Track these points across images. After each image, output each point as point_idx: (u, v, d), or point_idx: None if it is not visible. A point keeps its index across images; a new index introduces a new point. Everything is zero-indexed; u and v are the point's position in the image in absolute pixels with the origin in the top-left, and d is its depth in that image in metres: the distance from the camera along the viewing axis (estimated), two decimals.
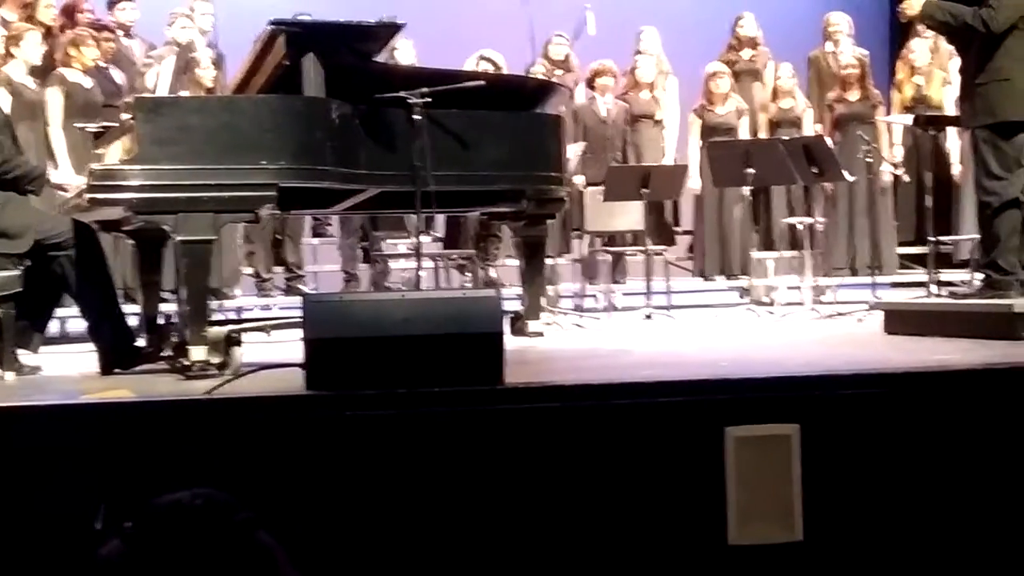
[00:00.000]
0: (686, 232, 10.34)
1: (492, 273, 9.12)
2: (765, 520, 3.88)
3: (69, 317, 7.49)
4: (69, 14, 8.65)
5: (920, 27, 9.80)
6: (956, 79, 9.49)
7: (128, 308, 6.11)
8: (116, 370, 5.24)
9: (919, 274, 9.35)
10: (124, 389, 4.52)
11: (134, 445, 3.66)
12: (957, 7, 6.16)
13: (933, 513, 4.00)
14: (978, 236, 6.90)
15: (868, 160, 8.82)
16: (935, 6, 6.22)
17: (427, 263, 8.59)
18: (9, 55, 7.69)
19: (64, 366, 5.71)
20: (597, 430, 3.87)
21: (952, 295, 6.77)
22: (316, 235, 10.11)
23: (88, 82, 7.94)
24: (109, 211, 5.11)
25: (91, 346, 5.42)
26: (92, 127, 5.91)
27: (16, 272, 5.11)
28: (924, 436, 4.03)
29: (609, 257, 9.33)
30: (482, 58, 9.12)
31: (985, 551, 3.99)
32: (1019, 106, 5.97)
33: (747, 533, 3.86)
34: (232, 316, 8.37)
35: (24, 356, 5.30)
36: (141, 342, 5.60)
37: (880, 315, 6.61)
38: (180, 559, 1.59)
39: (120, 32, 8.85)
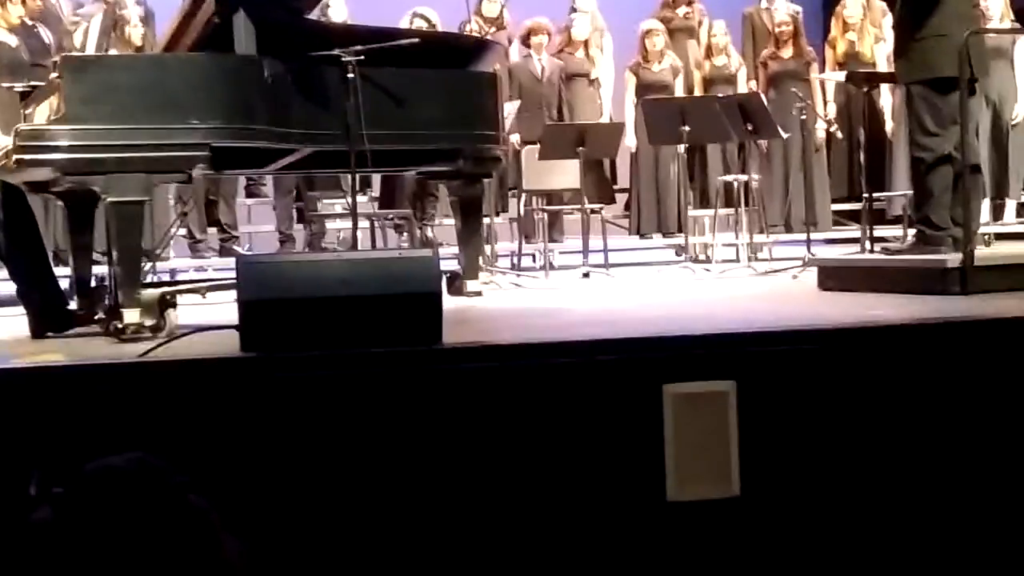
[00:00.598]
0: (623, 190, 10.35)
1: (429, 233, 9.09)
2: (703, 477, 3.90)
3: None
4: None
5: None
6: (889, 36, 9.60)
7: (60, 271, 6.02)
8: (48, 334, 5.17)
9: (853, 230, 9.44)
10: (56, 353, 4.46)
11: (67, 410, 3.61)
12: None
13: (867, 468, 4.03)
14: (911, 192, 6.97)
15: (802, 118, 8.86)
16: None
17: (363, 223, 8.54)
18: None
19: None
20: (536, 389, 3.87)
21: (885, 251, 6.82)
22: (250, 195, 10.02)
23: (13, 40, 7.80)
24: (37, 172, 5.02)
25: (22, 310, 5.34)
26: (19, 87, 5.79)
27: None
28: (858, 391, 4.06)
29: (546, 215, 9.32)
30: (416, 15, 9.05)
31: (917, 503, 4.03)
32: (955, 62, 6.00)
33: (685, 490, 3.87)
34: (166, 278, 8.30)
35: None
36: (73, 305, 5.53)
37: (815, 271, 6.66)
38: (112, 524, 1.56)
39: None
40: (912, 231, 6.63)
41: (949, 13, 6.06)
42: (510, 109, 8.56)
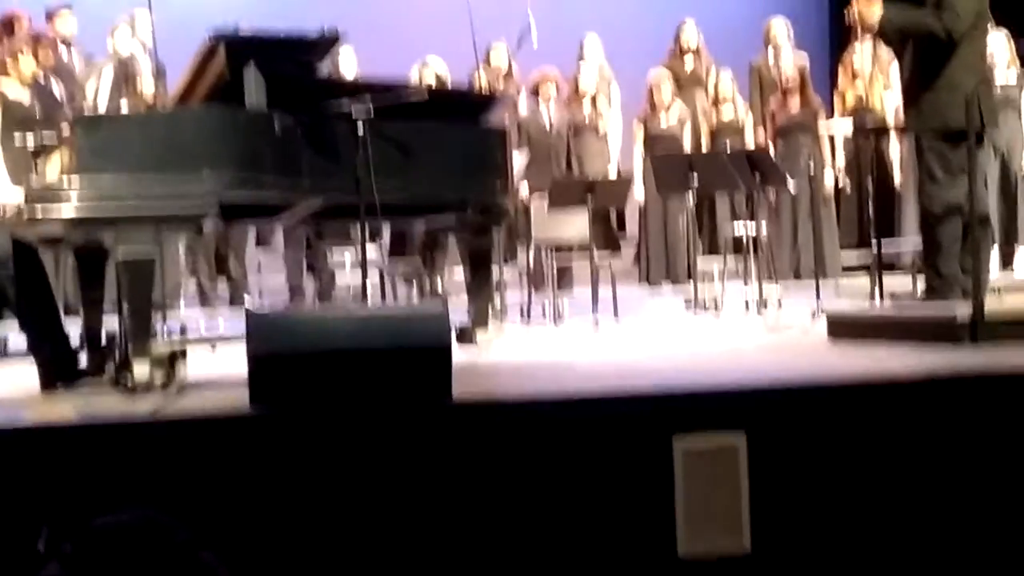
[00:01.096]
0: (631, 240, 10.36)
1: (438, 283, 9.09)
2: (714, 530, 3.88)
3: (9, 333, 7.40)
4: (7, 26, 8.54)
5: (861, 32, 9.90)
6: (897, 84, 9.64)
7: (70, 324, 6.03)
8: (58, 387, 5.17)
9: (863, 280, 9.42)
10: (66, 408, 4.45)
11: (76, 466, 3.61)
12: (916, 14, 6.19)
13: (879, 522, 4.02)
14: (920, 242, 6.96)
15: (810, 168, 8.88)
16: (896, 11, 6.25)
17: (373, 275, 8.55)
18: None
19: (5, 384, 5.63)
20: (545, 443, 3.86)
21: (894, 301, 6.81)
22: (260, 245, 10.03)
23: (26, 95, 7.83)
24: (49, 227, 5.04)
25: (32, 363, 5.34)
26: (31, 142, 5.81)
27: None
28: (869, 444, 4.05)
29: (555, 266, 9.32)
30: (425, 64, 9.10)
31: (931, 558, 4.01)
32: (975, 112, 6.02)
33: (696, 545, 3.86)
34: (176, 331, 8.30)
35: None
36: (84, 359, 5.53)
37: (824, 322, 6.64)
38: None
39: (60, 44, 8.75)
40: (921, 281, 6.62)
41: (960, 64, 6.09)
42: (519, 160, 8.59)
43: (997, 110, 6.73)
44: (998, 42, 9.16)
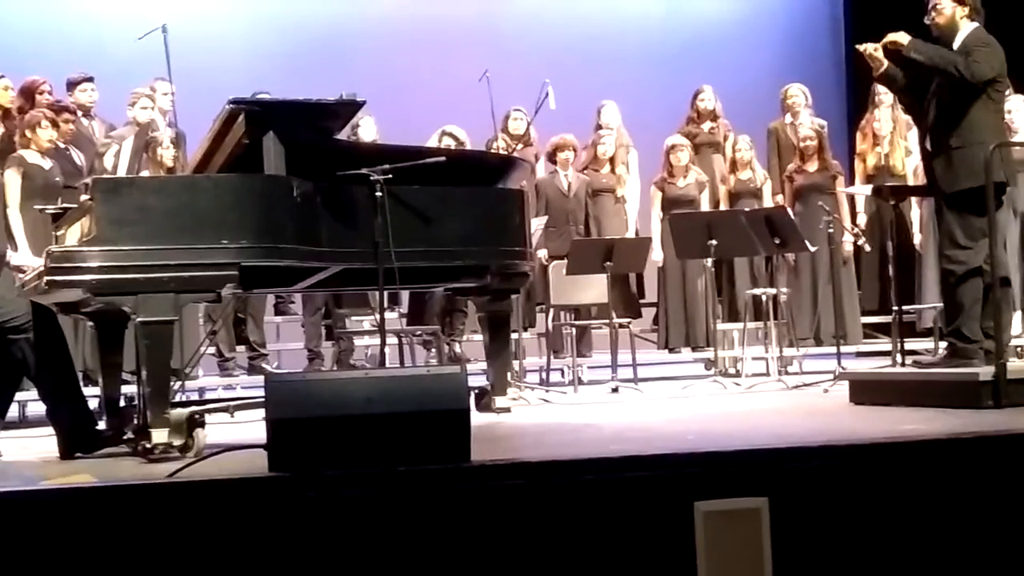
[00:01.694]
0: (650, 304, 10.35)
1: (457, 348, 9.09)
2: None
3: (29, 400, 7.41)
4: (28, 95, 8.61)
5: (879, 97, 9.92)
6: (916, 148, 9.64)
7: (89, 390, 6.04)
8: (77, 454, 5.16)
9: (883, 343, 9.38)
10: (85, 474, 4.44)
11: (96, 531, 3.60)
12: (943, 50, 6.21)
13: None
14: (941, 304, 6.94)
15: (830, 231, 8.86)
16: (920, 42, 6.27)
17: (392, 339, 8.56)
18: None
19: (24, 451, 5.63)
20: (566, 507, 3.83)
21: (916, 364, 6.77)
22: (279, 313, 10.07)
23: (46, 163, 7.90)
24: (68, 293, 5.06)
25: (51, 430, 5.34)
26: (51, 208, 5.86)
27: None
28: (892, 508, 4.01)
29: (574, 330, 9.31)
30: (444, 133, 9.15)
31: None
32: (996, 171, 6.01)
33: None
34: (194, 397, 8.30)
35: None
36: (102, 425, 5.53)
37: (846, 385, 6.61)
38: None
39: (80, 113, 8.82)
40: (943, 344, 6.58)
41: (981, 124, 6.10)
42: (537, 224, 8.60)
43: (1015, 169, 6.72)
44: (1018, 106, 9.16)
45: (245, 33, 12.26)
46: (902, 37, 6.30)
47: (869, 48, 6.44)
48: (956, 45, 6.20)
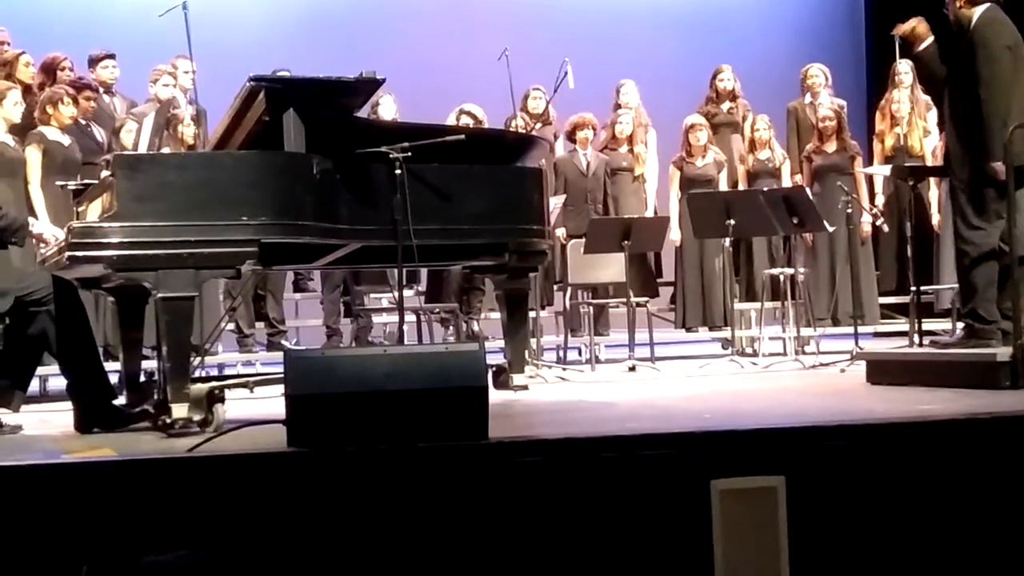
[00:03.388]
0: (668, 283, 10.36)
1: (475, 326, 9.11)
2: (752, 574, 3.85)
3: (50, 375, 7.46)
4: (49, 72, 8.65)
5: (899, 77, 9.89)
6: (935, 129, 9.61)
7: (110, 365, 6.07)
8: (95, 429, 5.20)
9: (901, 324, 9.37)
10: (106, 448, 4.48)
11: (117, 504, 3.63)
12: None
13: (919, 563, 3.98)
14: (959, 285, 6.92)
15: (848, 211, 8.85)
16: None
17: (410, 317, 8.58)
18: None
19: (44, 424, 5.67)
20: (582, 484, 3.85)
21: (934, 344, 6.77)
22: (298, 290, 10.10)
23: (66, 140, 7.93)
24: (89, 269, 5.09)
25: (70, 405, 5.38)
26: (72, 184, 5.88)
27: None
28: (909, 487, 4.02)
29: (591, 309, 9.33)
30: (463, 112, 9.15)
31: None
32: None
33: None
34: (214, 373, 8.34)
35: (5, 415, 5.27)
36: (122, 400, 5.57)
37: (863, 365, 6.61)
38: None
39: (101, 90, 8.85)
40: (960, 324, 6.58)
41: (1000, 107, 6.07)
42: (555, 203, 8.61)
43: None
44: None
45: (265, 11, 12.27)
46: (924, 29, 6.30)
47: (905, 28, 6.42)
48: (971, 31, 6.17)
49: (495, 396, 5.20)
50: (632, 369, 8.15)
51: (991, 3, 6.21)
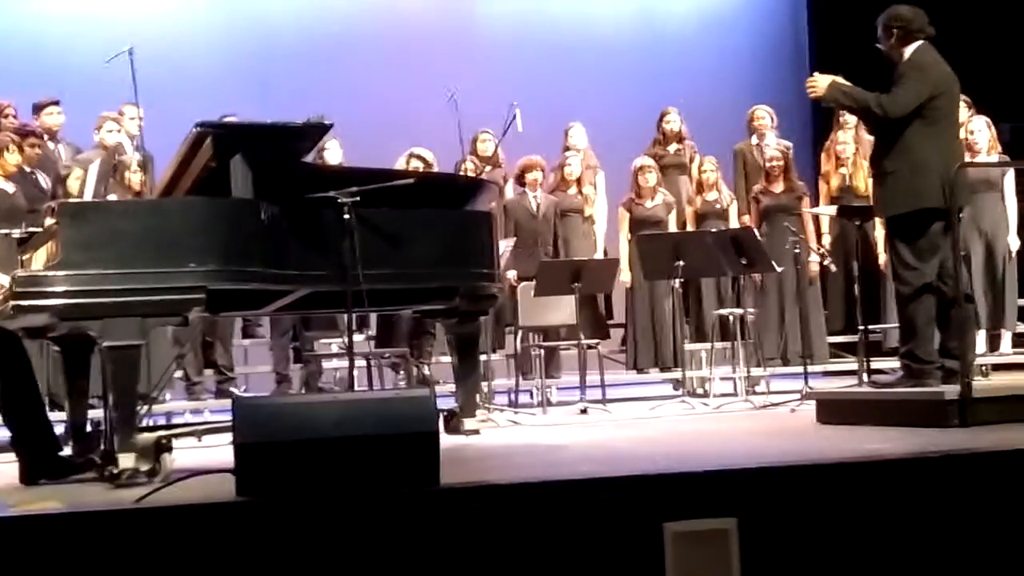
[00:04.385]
0: (618, 325, 10.37)
1: (426, 371, 9.08)
2: None
3: None
4: None
5: (843, 119, 10.01)
6: None
7: (55, 415, 5.99)
8: (41, 480, 5.12)
9: (850, 363, 9.43)
10: (52, 500, 4.41)
11: (64, 558, 3.57)
12: (859, 92, 6.27)
13: None
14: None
15: (796, 251, 8.91)
16: (838, 90, 6.33)
17: (360, 362, 8.54)
18: None
19: None
20: (535, 529, 3.83)
21: (873, 384, 6.81)
22: (247, 336, 10.03)
23: (11, 187, 7.87)
24: (34, 318, 5.02)
25: (14, 456, 5.29)
26: (16, 232, 5.82)
27: None
28: (861, 526, 4.02)
29: (543, 351, 9.33)
30: (412, 155, 9.17)
31: None
32: (933, 194, 6.05)
33: None
34: (162, 421, 8.26)
35: None
36: (68, 450, 5.49)
37: (813, 405, 6.64)
38: None
39: (46, 136, 8.79)
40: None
41: (914, 148, 6.12)
42: (505, 246, 8.62)
43: (969, 191, 6.77)
44: (979, 127, 9.25)
45: (212, 56, 12.23)
46: (820, 84, 6.35)
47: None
48: (897, 68, 6.26)
49: (446, 441, 5.18)
50: (584, 411, 8.14)
51: (923, 42, 6.30)
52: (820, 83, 6.37)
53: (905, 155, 6.14)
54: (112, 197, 7.84)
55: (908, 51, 6.28)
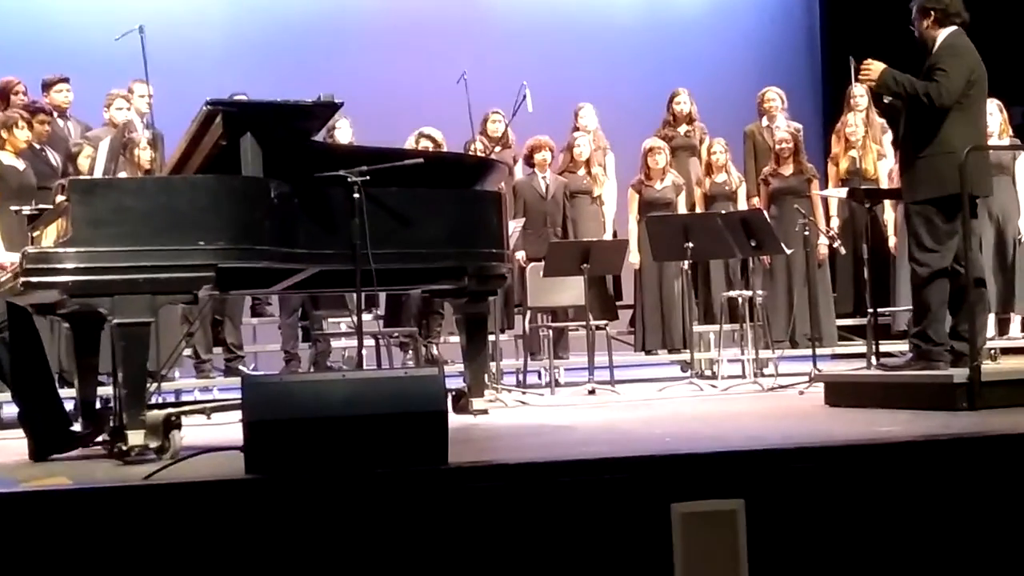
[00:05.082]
0: (627, 306, 10.37)
1: (434, 351, 9.09)
2: None
3: (3, 403, 7.38)
4: (3, 96, 8.59)
5: (854, 101, 9.98)
6: (890, 152, 9.68)
7: (65, 392, 6.01)
8: (50, 456, 5.14)
9: (858, 346, 9.42)
10: (61, 476, 4.43)
11: (72, 533, 3.58)
12: (910, 80, 6.26)
13: None
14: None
15: (805, 233, 8.90)
16: (891, 77, 6.31)
17: (369, 341, 8.55)
18: None
19: (0, 453, 5.60)
20: (542, 509, 3.83)
21: (882, 367, 6.81)
22: (255, 315, 10.04)
23: (21, 164, 7.87)
24: (44, 295, 5.04)
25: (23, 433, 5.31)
26: (27, 209, 5.83)
27: None
28: (868, 509, 4.02)
29: (551, 332, 9.33)
30: (422, 135, 9.14)
31: None
32: (958, 180, 6.04)
33: None
34: (171, 399, 8.28)
35: None
36: (78, 427, 5.51)
37: (821, 387, 6.64)
38: None
39: (55, 114, 8.79)
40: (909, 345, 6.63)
41: (953, 131, 6.13)
42: (514, 226, 8.61)
43: (991, 177, 6.75)
44: (991, 110, 9.21)
45: (223, 34, 12.23)
46: (875, 69, 6.33)
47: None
48: (933, 53, 6.25)
49: (455, 420, 5.18)
50: (592, 392, 8.15)
51: (957, 27, 6.29)
52: (874, 69, 6.34)
53: (939, 141, 6.15)
54: (122, 174, 7.86)
55: (942, 35, 6.27)
